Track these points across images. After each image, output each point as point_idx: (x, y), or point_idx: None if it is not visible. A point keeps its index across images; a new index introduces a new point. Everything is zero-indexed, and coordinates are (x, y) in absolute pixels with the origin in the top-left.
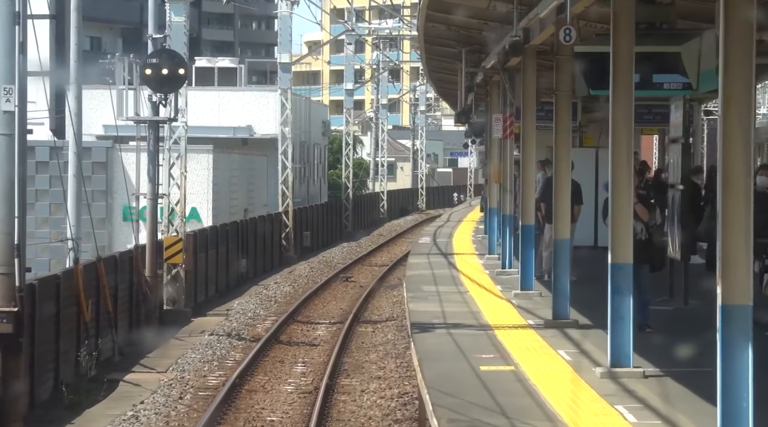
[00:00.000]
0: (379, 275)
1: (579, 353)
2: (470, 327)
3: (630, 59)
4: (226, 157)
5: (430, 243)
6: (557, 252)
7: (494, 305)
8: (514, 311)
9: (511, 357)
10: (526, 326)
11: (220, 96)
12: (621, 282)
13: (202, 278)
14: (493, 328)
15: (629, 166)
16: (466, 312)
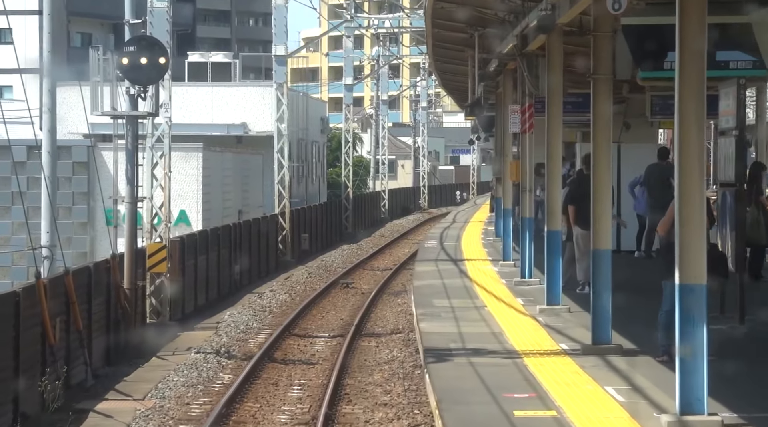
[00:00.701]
0: (381, 281)
1: (632, 391)
2: (494, 354)
3: (701, 29)
4: (219, 156)
5: (438, 247)
6: (597, 264)
7: (518, 324)
8: (542, 331)
9: (549, 397)
10: (559, 351)
11: (213, 92)
12: (692, 307)
13: (191, 288)
14: (521, 354)
15: (701, 166)
16: (486, 334)
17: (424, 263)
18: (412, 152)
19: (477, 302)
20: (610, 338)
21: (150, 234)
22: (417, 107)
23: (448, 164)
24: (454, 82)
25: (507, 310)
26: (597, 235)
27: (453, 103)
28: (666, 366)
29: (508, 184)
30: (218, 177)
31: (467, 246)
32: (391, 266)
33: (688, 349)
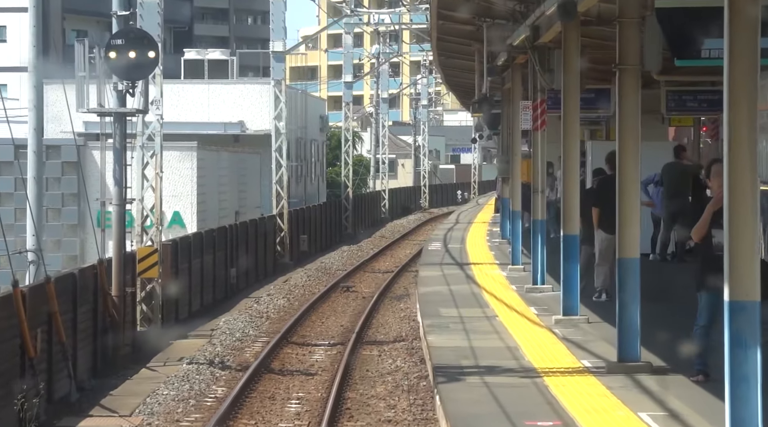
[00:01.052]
0: (383, 284)
1: (669, 419)
2: (511, 373)
3: (755, 8)
4: (214, 156)
5: (442, 250)
6: (624, 273)
7: (534, 337)
8: (561, 345)
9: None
10: (582, 369)
11: (210, 89)
12: (744, 327)
13: (184, 293)
14: (540, 373)
15: (753, 165)
16: (501, 348)
17: (428, 267)
18: (413, 151)
19: (487, 310)
20: (638, 355)
21: (141, 237)
22: (417, 106)
23: (448, 163)
24: (458, 78)
25: (520, 320)
26: (624, 242)
27: (454, 102)
28: (702, 387)
29: (516, 185)
30: (214, 177)
31: (473, 249)
32: (392, 268)
33: (739, 374)
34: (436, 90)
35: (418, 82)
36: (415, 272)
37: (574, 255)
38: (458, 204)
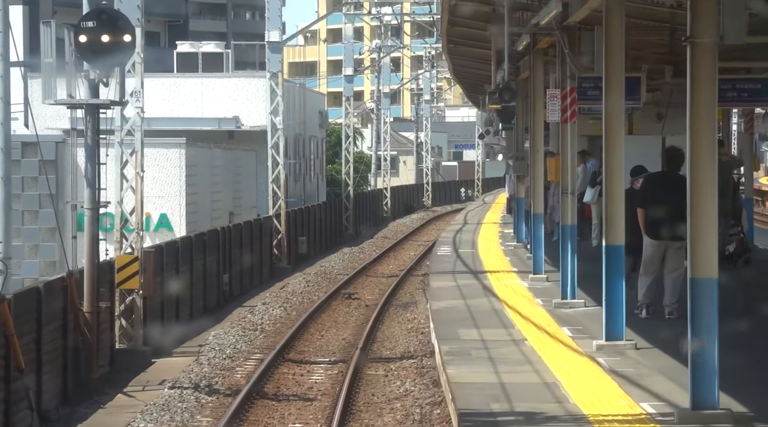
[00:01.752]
0: (387, 290)
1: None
2: (556, 422)
3: None
4: (206, 153)
5: (452, 255)
6: (699, 298)
7: (575, 369)
8: (609, 380)
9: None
10: (645, 418)
11: (203, 83)
12: None
13: (170, 304)
14: (593, 423)
15: None
16: (537, 385)
17: (440, 276)
18: (414, 148)
19: (513, 332)
20: (716, 402)
21: (120, 244)
22: (419, 101)
23: (451, 160)
24: (467, 68)
25: (554, 345)
26: (697, 257)
27: (456, 97)
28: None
29: (538, 184)
30: (206, 176)
31: (486, 254)
32: (396, 272)
33: None
34: (438, 85)
35: (420, 77)
36: (421, 276)
37: (619, 269)
38: (462, 202)
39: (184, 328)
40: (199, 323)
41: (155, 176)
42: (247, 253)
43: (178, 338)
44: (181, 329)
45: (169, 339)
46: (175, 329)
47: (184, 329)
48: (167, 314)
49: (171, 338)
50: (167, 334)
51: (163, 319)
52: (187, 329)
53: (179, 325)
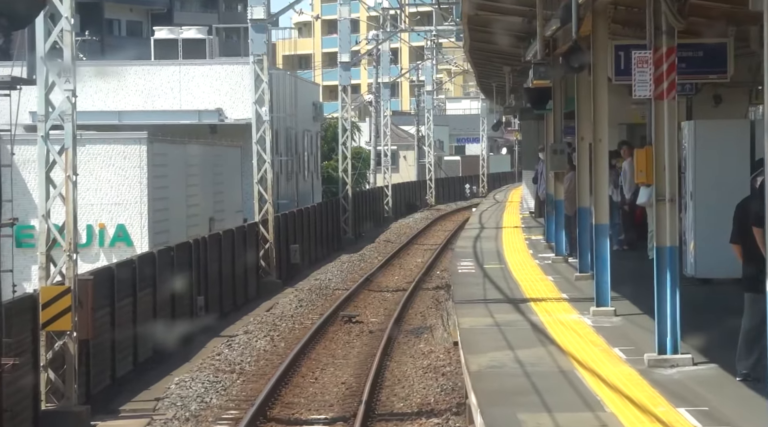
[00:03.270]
0: (394, 310)
1: None
2: None
3: None
4: (180, 150)
5: (477, 272)
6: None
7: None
8: None
9: None
10: None
11: (182, 72)
12: None
13: (123, 344)
14: None
15: None
16: None
17: (469, 308)
18: (416, 142)
19: (604, 416)
20: None
21: (46, 271)
22: (420, 92)
23: (453, 154)
24: (490, 44)
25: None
26: None
27: (457, 89)
28: None
29: (601, 186)
30: (179, 177)
31: (520, 271)
32: (403, 284)
33: None
34: (438, 77)
35: (420, 67)
36: (433, 290)
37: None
38: (467, 199)
39: (139, 373)
40: (161, 364)
41: (110, 179)
42: (228, 268)
43: (132, 388)
44: (135, 376)
45: (118, 392)
46: (128, 377)
47: (141, 374)
48: (119, 356)
49: (120, 390)
50: (115, 385)
51: (112, 364)
52: (144, 374)
53: (134, 370)
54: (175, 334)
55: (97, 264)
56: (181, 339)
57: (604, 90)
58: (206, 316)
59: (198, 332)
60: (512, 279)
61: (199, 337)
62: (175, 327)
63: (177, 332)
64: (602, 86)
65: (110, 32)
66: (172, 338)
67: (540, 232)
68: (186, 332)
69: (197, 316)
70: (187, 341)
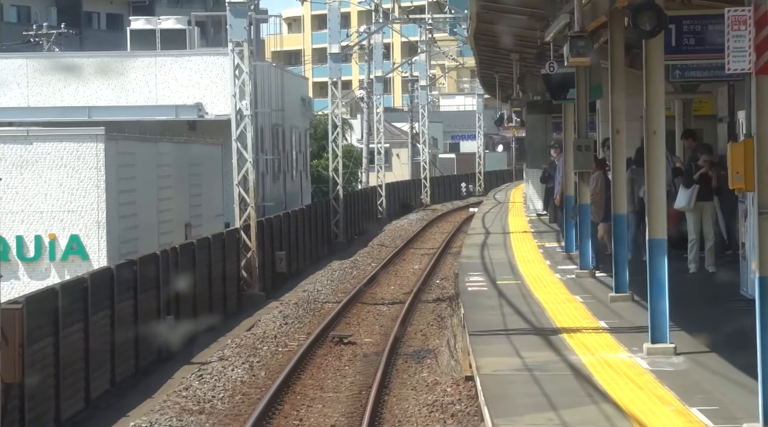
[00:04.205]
0: (391, 327)
1: None
2: None
3: None
4: (148, 148)
5: (491, 291)
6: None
7: None
8: None
9: None
10: None
11: (157, 64)
12: None
13: (69, 382)
14: None
15: None
16: None
17: (488, 342)
18: (409, 139)
19: None
20: None
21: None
22: (414, 88)
23: (447, 152)
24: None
25: None
26: None
27: (450, 85)
28: None
29: (657, 188)
30: (149, 178)
31: (541, 289)
32: (400, 296)
33: None
34: (431, 73)
35: (414, 61)
36: (434, 303)
37: None
38: (463, 198)
39: (91, 414)
40: (119, 402)
41: (62, 183)
42: (204, 282)
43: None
44: (87, 416)
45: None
46: (77, 418)
47: (92, 416)
48: (65, 394)
49: None
50: (66, 418)
51: (56, 405)
52: (95, 416)
53: (85, 410)
54: (140, 361)
55: (48, 281)
56: (145, 369)
57: (660, 70)
58: (176, 339)
59: (165, 359)
60: (533, 300)
61: (166, 366)
62: (139, 354)
63: (142, 359)
64: (658, 65)
65: (89, 26)
66: (133, 368)
67: (553, 238)
68: (151, 360)
69: (164, 340)
70: (151, 371)
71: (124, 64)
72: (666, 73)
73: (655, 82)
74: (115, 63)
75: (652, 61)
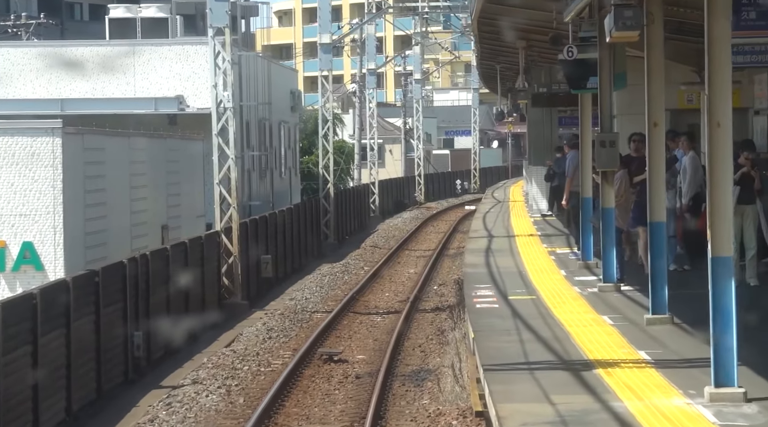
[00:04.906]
0: (387, 342)
1: None
2: None
3: None
4: (118, 143)
5: (503, 309)
6: None
7: None
8: None
9: None
10: None
11: (136, 53)
12: None
13: (14, 413)
14: None
15: None
16: None
17: (507, 381)
18: (402, 135)
19: None
20: None
21: None
22: (407, 81)
23: (441, 148)
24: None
25: None
26: None
27: (444, 80)
28: None
29: (724, 200)
30: (118, 177)
31: (561, 306)
32: (396, 304)
33: None
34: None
35: (408, 54)
36: (432, 312)
37: None
38: (458, 196)
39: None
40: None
41: (13, 183)
42: (178, 292)
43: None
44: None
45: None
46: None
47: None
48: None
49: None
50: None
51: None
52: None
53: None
54: (102, 383)
55: None
56: (109, 393)
57: (727, 45)
58: (148, 356)
59: (132, 381)
60: (555, 321)
61: (132, 390)
62: (102, 377)
63: (106, 380)
64: (725, 40)
65: (71, 17)
66: (95, 393)
67: (564, 242)
68: (116, 383)
69: (134, 359)
70: (115, 396)
71: (101, 54)
72: None
73: (722, 59)
74: (91, 53)
75: (717, 41)
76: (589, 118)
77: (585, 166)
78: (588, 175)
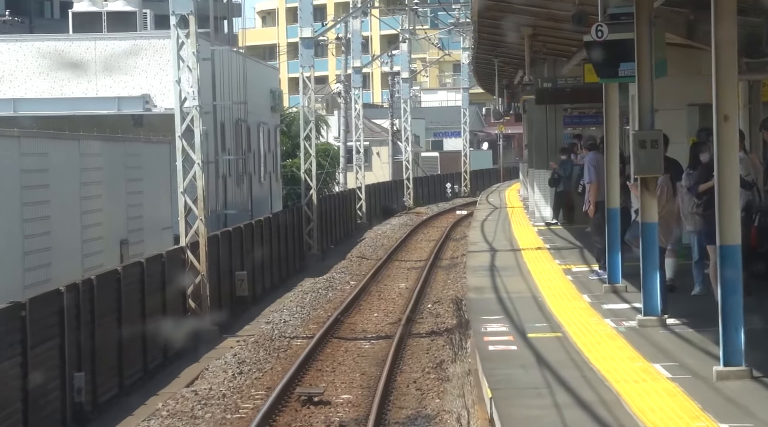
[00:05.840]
0: (378, 377)
1: None
2: None
3: None
4: (68, 148)
5: (525, 355)
6: None
7: None
8: None
9: None
10: None
11: (98, 48)
12: None
13: None
14: None
15: None
16: None
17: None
18: (390, 137)
19: None
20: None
21: None
22: (395, 81)
23: (430, 150)
24: None
25: None
26: None
27: (432, 79)
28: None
29: None
30: (68, 185)
31: (598, 351)
32: (386, 327)
33: None
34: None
35: (395, 53)
36: (428, 338)
37: None
38: (448, 200)
39: None
40: None
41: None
42: (134, 321)
43: None
44: None
45: None
46: None
47: None
48: None
49: None
50: None
51: None
52: None
53: None
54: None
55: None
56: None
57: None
58: (90, 402)
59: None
60: (595, 374)
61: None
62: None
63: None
64: None
65: (41, 14)
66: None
67: (578, 258)
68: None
69: (73, 405)
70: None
71: (59, 50)
72: None
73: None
74: (48, 47)
75: None
76: (615, 113)
77: (611, 170)
78: (614, 181)
